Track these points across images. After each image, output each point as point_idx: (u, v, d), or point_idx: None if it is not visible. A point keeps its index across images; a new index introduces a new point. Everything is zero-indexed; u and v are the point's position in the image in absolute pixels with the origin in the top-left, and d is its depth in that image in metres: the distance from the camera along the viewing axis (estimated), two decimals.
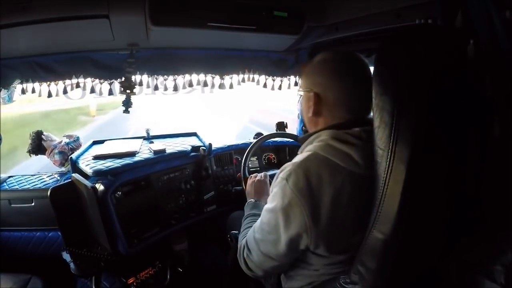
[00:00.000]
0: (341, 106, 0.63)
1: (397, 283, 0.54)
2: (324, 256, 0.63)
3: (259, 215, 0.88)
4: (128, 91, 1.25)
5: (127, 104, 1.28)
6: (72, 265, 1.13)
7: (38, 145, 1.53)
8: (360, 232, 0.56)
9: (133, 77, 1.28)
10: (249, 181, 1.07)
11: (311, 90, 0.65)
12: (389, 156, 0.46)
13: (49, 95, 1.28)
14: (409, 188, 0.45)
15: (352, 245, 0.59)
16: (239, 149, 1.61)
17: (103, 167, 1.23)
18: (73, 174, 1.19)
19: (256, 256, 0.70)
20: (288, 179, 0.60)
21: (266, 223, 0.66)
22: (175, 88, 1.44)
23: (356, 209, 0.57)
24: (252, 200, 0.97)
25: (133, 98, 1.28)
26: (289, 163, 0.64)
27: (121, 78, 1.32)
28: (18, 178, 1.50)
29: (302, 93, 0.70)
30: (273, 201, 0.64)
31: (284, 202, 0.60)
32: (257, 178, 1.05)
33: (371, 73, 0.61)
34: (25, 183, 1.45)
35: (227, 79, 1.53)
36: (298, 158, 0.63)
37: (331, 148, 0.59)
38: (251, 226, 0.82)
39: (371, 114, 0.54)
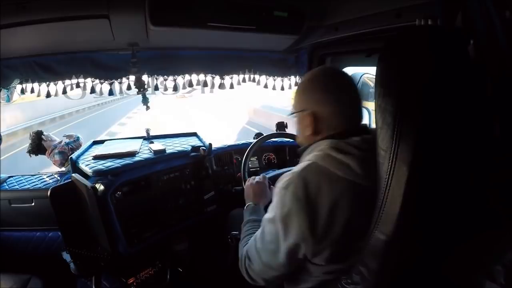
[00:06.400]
0: (338, 118, 0.64)
1: (399, 284, 0.54)
2: (322, 265, 0.63)
3: (259, 221, 0.86)
4: (142, 89, 1.29)
5: (145, 101, 1.34)
6: (72, 265, 1.13)
7: (38, 145, 1.53)
8: (359, 242, 0.56)
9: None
10: (247, 183, 1.03)
11: (307, 109, 0.66)
12: (391, 157, 0.46)
13: (48, 95, 1.28)
14: (411, 189, 0.45)
15: (350, 254, 0.59)
16: (239, 149, 1.61)
17: (103, 167, 1.23)
18: (73, 174, 1.18)
19: (257, 265, 0.70)
20: (287, 188, 0.60)
21: (267, 233, 0.66)
22: (175, 88, 1.44)
23: (355, 219, 0.57)
24: (251, 203, 0.95)
25: None
26: (287, 173, 0.64)
27: (121, 78, 1.33)
28: (18, 178, 1.50)
29: (296, 115, 0.70)
30: (272, 211, 0.64)
31: (283, 212, 0.60)
32: (255, 180, 1.03)
33: (356, 84, 0.67)
34: (25, 183, 1.45)
35: (227, 79, 1.53)
36: (297, 168, 0.63)
37: (330, 158, 0.60)
38: (251, 234, 0.82)
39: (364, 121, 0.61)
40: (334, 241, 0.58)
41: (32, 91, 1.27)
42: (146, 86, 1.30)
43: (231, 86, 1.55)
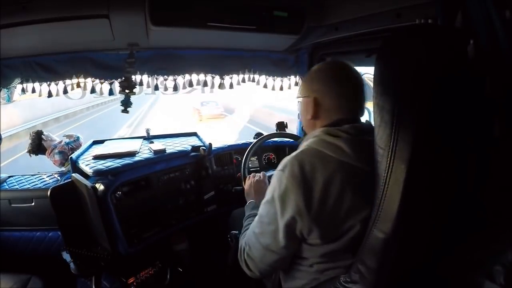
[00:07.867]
0: (336, 109, 0.69)
1: (398, 282, 0.54)
2: (316, 245, 0.65)
3: None
4: (127, 91, 1.24)
5: (126, 104, 1.27)
6: (72, 265, 1.13)
7: (38, 145, 1.52)
8: (351, 220, 0.60)
9: (133, 77, 1.28)
10: (248, 182, 1.06)
11: (310, 96, 0.72)
12: (389, 156, 0.46)
13: (49, 95, 1.28)
14: (409, 188, 0.45)
15: (343, 233, 0.62)
16: (239, 149, 1.61)
17: (103, 167, 1.23)
18: (73, 174, 1.19)
19: (256, 251, 0.71)
20: (285, 170, 0.64)
21: (265, 215, 0.69)
22: (175, 88, 1.44)
23: (347, 196, 0.60)
24: (252, 201, 0.97)
25: None
26: (285, 158, 0.68)
27: (121, 78, 1.32)
28: (18, 178, 1.50)
29: (301, 99, 0.76)
30: (270, 193, 0.68)
31: (280, 189, 0.64)
32: (255, 178, 1.05)
33: (361, 79, 0.72)
34: (25, 183, 1.45)
35: (227, 79, 1.53)
36: (293, 153, 0.68)
37: (323, 141, 0.65)
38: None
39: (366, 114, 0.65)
40: (327, 215, 0.61)
41: (33, 91, 1.27)
42: (134, 90, 1.25)
43: (231, 86, 1.55)
